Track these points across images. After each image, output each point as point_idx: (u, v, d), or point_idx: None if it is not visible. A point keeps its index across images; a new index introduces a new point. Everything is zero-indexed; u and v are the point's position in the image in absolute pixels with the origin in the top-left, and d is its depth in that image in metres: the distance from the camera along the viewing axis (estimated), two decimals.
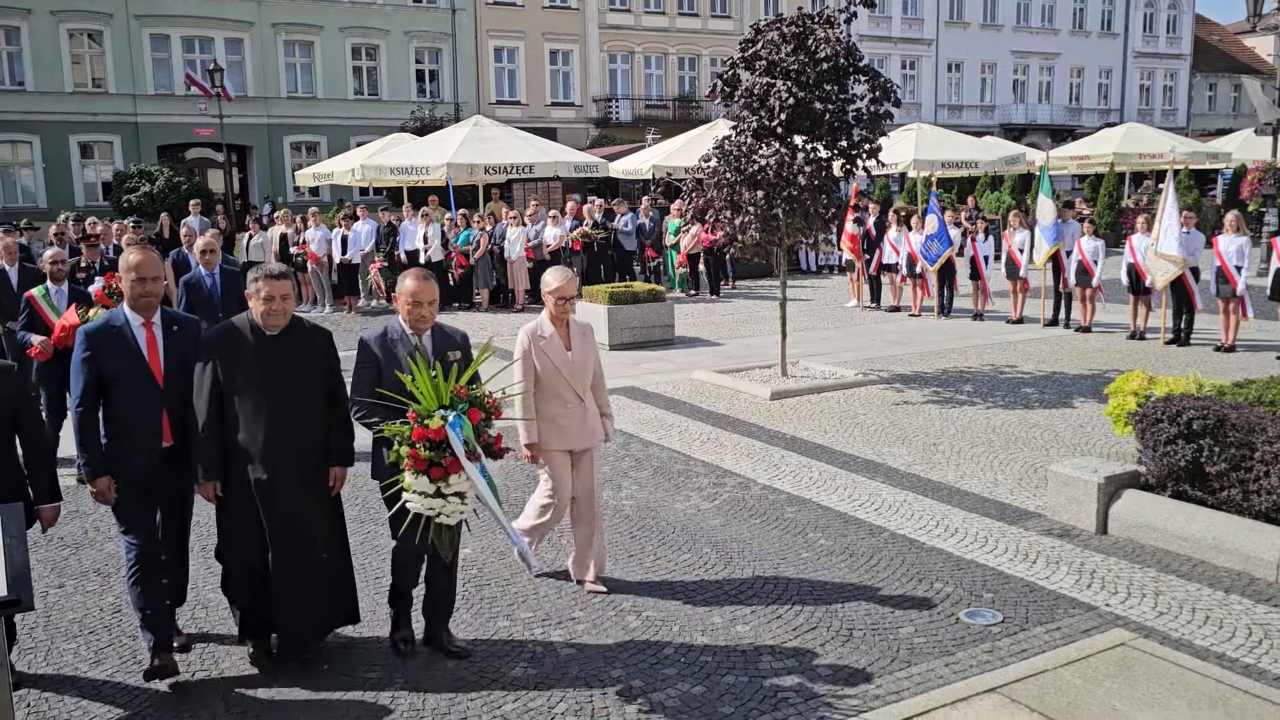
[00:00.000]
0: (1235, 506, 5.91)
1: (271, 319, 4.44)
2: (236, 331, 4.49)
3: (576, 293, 5.45)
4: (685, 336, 13.95)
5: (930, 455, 8.10)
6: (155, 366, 4.57)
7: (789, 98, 9.98)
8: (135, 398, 4.50)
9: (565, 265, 18.16)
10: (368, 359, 4.58)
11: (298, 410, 4.48)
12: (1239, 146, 29.91)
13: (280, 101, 34.47)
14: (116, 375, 4.49)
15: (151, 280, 4.59)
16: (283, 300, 4.45)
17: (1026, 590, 5.46)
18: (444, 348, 4.66)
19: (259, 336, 4.47)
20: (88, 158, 32.72)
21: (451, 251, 17.48)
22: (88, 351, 4.49)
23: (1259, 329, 12.98)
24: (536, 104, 38.22)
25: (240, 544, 4.58)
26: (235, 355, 4.44)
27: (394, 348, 4.57)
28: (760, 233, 10.33)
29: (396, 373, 4.37)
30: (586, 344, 5.43)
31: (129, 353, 4.52)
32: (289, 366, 4.48)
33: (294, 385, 4.48)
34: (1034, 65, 48.20)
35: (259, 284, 4.42)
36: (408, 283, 4.64)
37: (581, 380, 5.37)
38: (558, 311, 5.32)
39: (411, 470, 4.12)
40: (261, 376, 4.41)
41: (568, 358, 5.31)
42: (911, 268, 15.82)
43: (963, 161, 24.01)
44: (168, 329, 4.66)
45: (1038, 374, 11.24)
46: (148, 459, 4.51)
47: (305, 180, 24.35)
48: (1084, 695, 4.23)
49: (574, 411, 5.35)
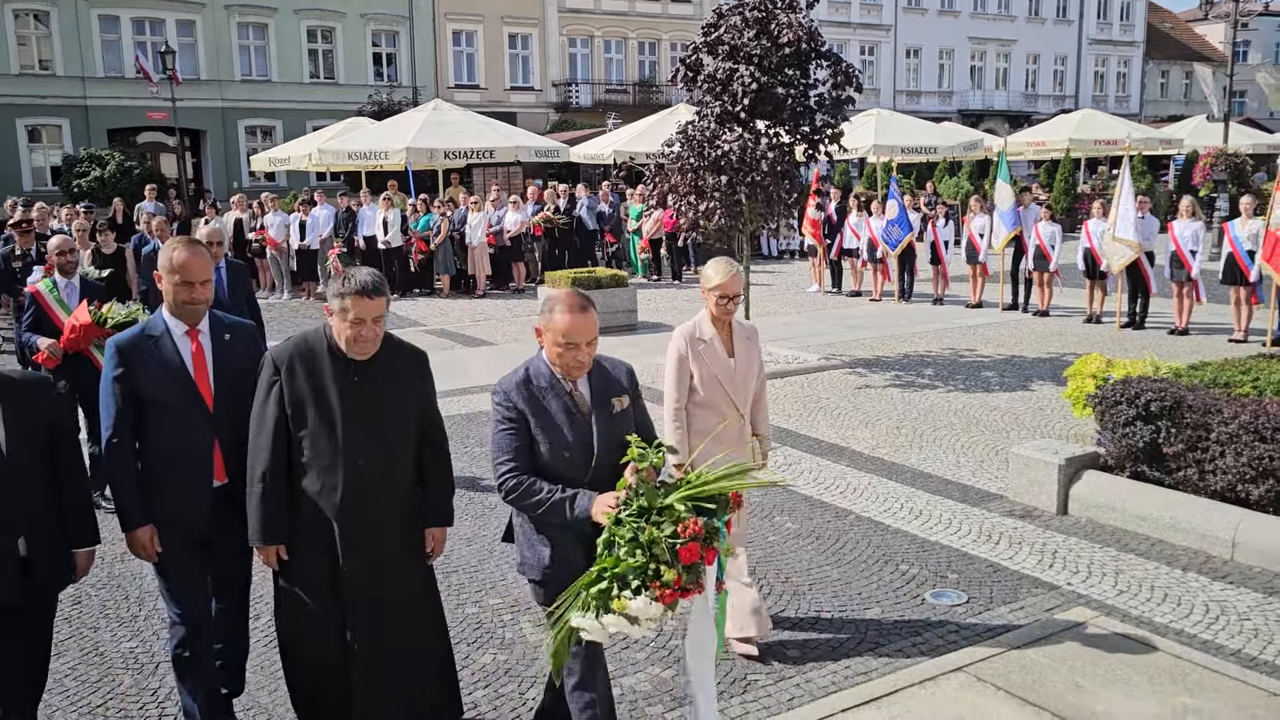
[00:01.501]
0: (1191, 486, 6.03)
1: (360, 346, 3.41)
2: (310, 354, 3.47)
3: (743, 289, 4.66)
4: (648, 322, 13.94)
5: (894, 439, 8.18)
6: (204, 386, 3.68)
7: (752, 83, 9.98)
8: (180, 425, 3.62)
9: (526, 250, 18.40)
10: (511, 416, 3.34)
11: (388, 455, 3.51)
12: (1191, 133, 30.50)
13: (234, 85, 33.83)
14: (157, 398, 3.60)
15: (201, 286, 3.67)
16: (375, 324, 3.40)
17: (990, 570, 5.53)
18: (606, 394, 3.45)
19: (339, 362, 3.45)
20: (35, 141, 31.88)
21: (411, 237, 17.31)
22: (120, 369, 3.59)
23: (1210, 312, 13.25)
24: (496, 88, 37.87)
25: (309, 625, 3.56)
26: (309, 385, 3.44)
27: (543, 398, 3.35)
28: (724, 218, 10.34)
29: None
30: (751, 350, 4.64)
31: (172, 370, 3.63)
32: (377, 400, 3.49)
33: (383, 423, 3.50)
34: (991, 51, 48.63)
35: (345, 300, 3.34)
36: (557, 315, 3.27)
37: (744, 392, 4.58)
38: (720, 311, 4.48)
39: (648, 597, 2.93)
40: (342, 412, 3.43)
41: (730, 365, 4.52)
42: (872, 253, 15.94)
43: (922, 147, 24.16)
44: (217, 338, 3.76)
45: (997, 358, 11.38)
46: (198, 503, 3.66)
47: (261, 165, 23.92)
48: (1048, 673, 4.30)
49: (730, 427, 4.52)
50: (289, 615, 3.61)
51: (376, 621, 3.53)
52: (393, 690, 3.58)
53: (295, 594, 3.56)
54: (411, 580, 3.65)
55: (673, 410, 4.52)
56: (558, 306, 3.29)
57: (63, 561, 3.47)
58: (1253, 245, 11.51)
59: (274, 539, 3.49)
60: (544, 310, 3.34)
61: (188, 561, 3.71)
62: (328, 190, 20.22)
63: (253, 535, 3.50)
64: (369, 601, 3.51)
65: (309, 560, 3.51)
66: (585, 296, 3.34)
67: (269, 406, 3.46)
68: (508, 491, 3.31)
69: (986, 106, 47.07)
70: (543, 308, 3.36)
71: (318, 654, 3.56)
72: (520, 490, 3.29)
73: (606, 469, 3.31)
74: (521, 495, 3.29)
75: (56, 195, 25.98)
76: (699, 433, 4.46)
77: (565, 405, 3.36)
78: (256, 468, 3.46)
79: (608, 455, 3.33)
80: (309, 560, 3.51)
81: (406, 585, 3.62)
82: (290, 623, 3.62)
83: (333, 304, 3.40)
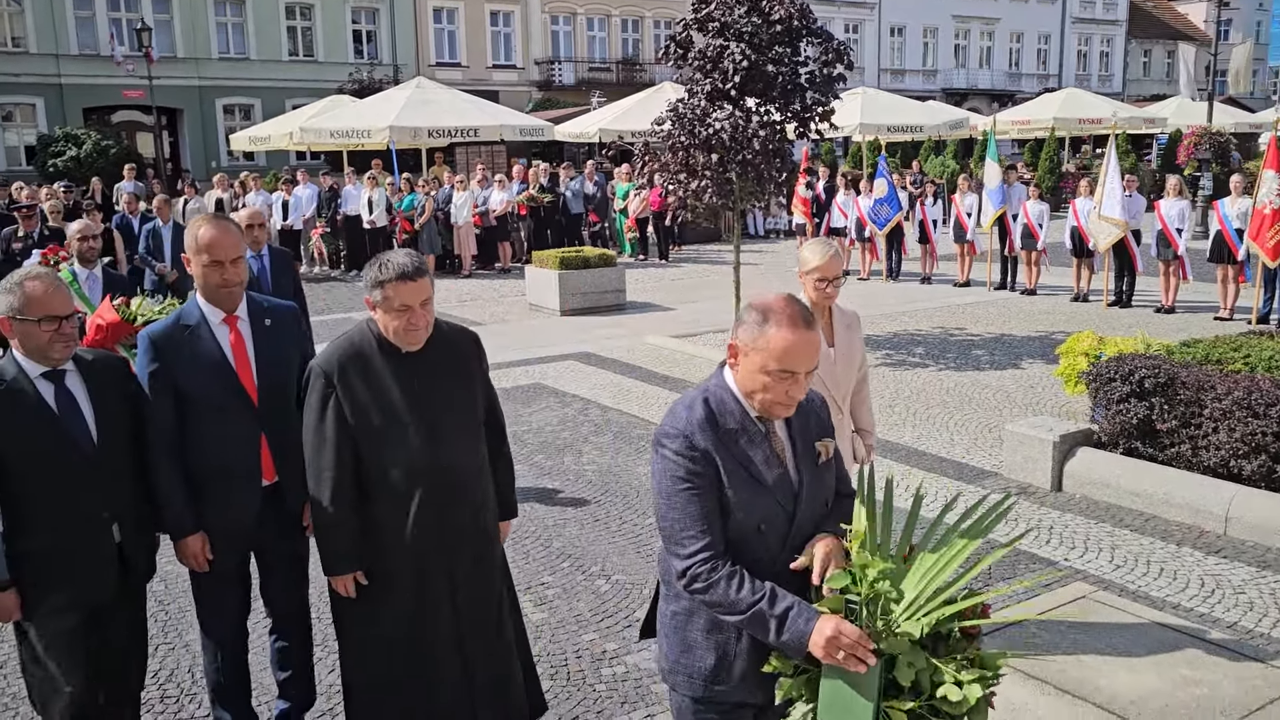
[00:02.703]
0: (1185, 462, 6.07)
1: (413, 335, 3.06)
2: (359, 356, 3.11)
3: (843, 273, 4.15)
4: (636, 301, 13.89)
5: (887, 416, 8.19)
6: (246, 378, 3.37)
7: (742, 60, 9.90)
8: (223, 422, 3.33)
9: (512, 230, 18.29)
10: (697, 471, 2.31)
11: (465, 449, 3.20)
12: (1174, 112, 30.61)
13: (211, 63, 33.36)
14: (196, 393, 3.30)
15: (232, 264, 3.34)
16: (424, 308, 3.04)
17: (987, 547, 5.54)
18: (807, 435, 2.47)
19: (394, 358, 3.11)
20: (9, 121, 31.38)
21: (395, 217, 17.17)
22: (155, 364, 3.28)
23: (1195, 291, 13.33)
24: (477, 66, 37.52)
25: (388, 653, 3.17)
26: (368, 390, 3.09)
27: (736, 442, 2.35)
28: (715, 196, 10.29)
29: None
30: (853, 338, 4.20)
31: (211, 362, 3.32)
32: (444, 392, 3.18)
33: (449, 417, 3.17)
34: (975, 30, 48.58)
35: (386, 289, 2.99)
36: (774, 332, 2.29)
37: (845, 383, 4.16)
38: (819, 296, 4.04)
39: None
40: (407, 412, 3.10)
41: (829, 354, 4.06)
42: (860, 231, 15.93)
43: (908, 125, 24.17)
44: (258, 324, 3.44)
45: (987, 336, 11.41)
46: (246, 506, 3.38)
47: (241, 144, 23.62)
48: (1049, 647, 4.33)
49: None
50: (361, 641, 3.21)
51: (484, 624, 3.27)
52: (495, 699, 3.30)
53: (368, 615, 3.17)
54: (495, 578, 3.35)
55: None
56: (774, 318, 2.30)
57: (150, 549, 3.35)
58: (1241, 224, 11.57)
59: (351, 565, 3.12)
60: (750, 321, 2.33)
61: (231, 575, 3.46)
62: (309, 169, 20.00)
63: (327, 565, 3.14)
64: (480, 603, 3.25)
65: (383, 577, 3.14)
66: (806, 308, 2.35)
67: (327, 423, 3.08)
68: (694, 581, 2.29)
69: (971, 85, 47.09)
70: (747, 317, 2.34)
71: (394, 678, 3.19)
72: (715, 584, 2.27)
73: (801, 541, 2.39)
74: (718, 592, 2.27)
75: (32, 175, 25.61)
76: None
77: (765, 456, 2.37)
78: (323, 491, 3.09)
79: (809, 526, 2.42)
80: (383, 577, 3.14)
81: (492, 585, 3.33)
82: (363, 648, 3.21)
83: (373, 296, 3.03)
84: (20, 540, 3.00)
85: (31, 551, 3.02)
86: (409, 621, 3.15)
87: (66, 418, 3.08)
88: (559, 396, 9.00)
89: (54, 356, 3.06)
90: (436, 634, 3.17)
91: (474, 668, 3.23)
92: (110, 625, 3.23)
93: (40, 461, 3.02)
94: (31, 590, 3.04)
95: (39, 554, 3.03)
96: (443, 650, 3.18)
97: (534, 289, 13.91)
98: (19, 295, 3.00)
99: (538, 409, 8.53)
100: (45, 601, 3.06)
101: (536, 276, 13.83)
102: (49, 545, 3.04)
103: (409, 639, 3.16)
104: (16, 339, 3.05)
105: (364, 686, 3.23)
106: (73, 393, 3.12)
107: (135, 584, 3.31)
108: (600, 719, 3.95)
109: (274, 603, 3.61)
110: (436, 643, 3.18)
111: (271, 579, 3.58)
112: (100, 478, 3.11)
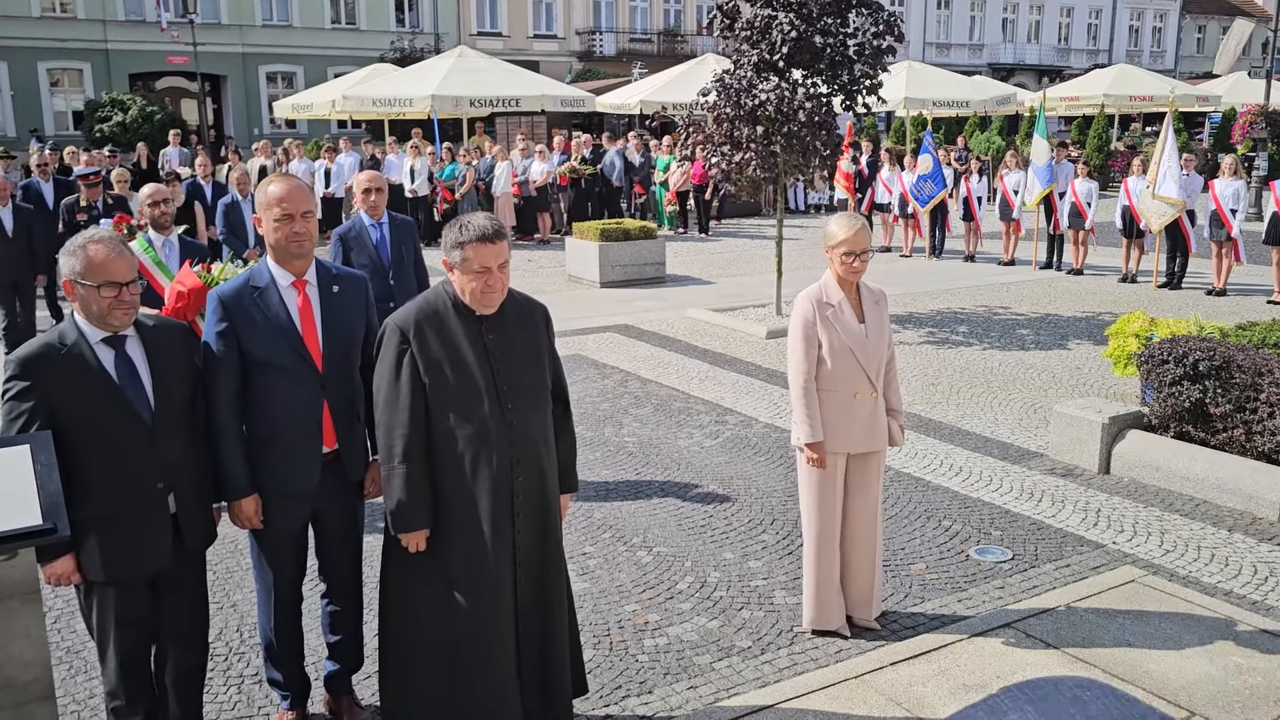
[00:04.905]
0: (1238, 447, 5.95)
1: (489, 297, 3.10)
2: (435, 316, 3.14)
3: (871, 247, 4.17)
4: (676, 275, 13.82)
5: (930, 395, 8.11)
6: (312, 343, 3.36)
7: (791, 30, 9.77)
8: (287, 386, 3.32)
9: (553, 201, 18.24)
10: None
11: (536, 414, 3.21)
12: (1229, 89, 29.80)
13: (255, 30, 33.52)
14: (261, 355, 3.29)
15: (302, 218, 3.31)
16: (500, 270, 3.09)
17: (1034, 528, 5.49)
18: None
19: (469, 320, 3.15)
20: (56, 86, 31.79)
21: (436, 186, 17.20)
22: (224, 323, 3.28)
23: (1247, 273, 13.03)
24: (518, 35, 37.38)
25: (445, 616, 3.16)
26: (443, 349, 3.11)
27: None
28: (759, 169, 10.19)
29: None
30: (881, 315, 4.21)
31: (278, 325, 3.31)
32: (517, 356, 3.20)
33: (526, 380, 3.19)
34: (1024, 4, 47.56)
35: (465, 250, 3.04)
36: None
37: (876, 360, 4.14)
38: (847, 271, 4.05)
39: None
40: (483, 374, 3.11)
41: (860, 331, 4.09)
42: (903, 208, 15.73)
43: (954, 100, 23.73)
44: (325, 289, 3.43)
45: (1032, 316, 11.24)
46: (307, 470, 3.37)
47: (284, 111, 23.73)
48: (1097, 631, 4.27)
49: (864, 402, 4.12)
50: (428, 611, 3.18)
51: (544, 602, 3.25)
52: (543, 677, 3.28)
53: (438, 587, 3.15)
54: (559, 550, 3.34)
55: (801, 385, 4.09)
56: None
57: (208, 517, 3.33)
58: None
59: (421, 524, 3.11)
60: None
61: (290, 534, 3.46)
62: (351, 138, 20.06)
63: (398, 523, 3.11)
64: (539, 575, 3.23)
65: (448, 543, 3.13)
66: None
67: (402, 379, 3.08)
68: None
69: (1018, 60, 46.18)
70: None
71: (453, 643, 3.16)
72: None
73: None
74: None
75: (79, 139, 25.94)
76: (823, 405, 4.07)
77: None
78: (395, 446, 3.08)
79: None
80: (448, 543, 3.13)
81: (556, 557, 3.32)
82: (430, 619, 3.18)
83: (452, 257, 3.08)
84: (79, 506, 2.99)
85: (89, 518, 3.02)
86: (472, 583, 3.13)
87: (125, 385, 3.07)
88: (599, 368, 9.00)
89: (114, 323, 3.04)
90: (497, 599, 3.15)
91: (526, 643, 3.23)
92: (167, 594, 3.26)
93: (97, 428, 3.02)
94: (89, 556, 3.06)
95: (96, 520, 3.03)
96: (499, 617, 3.16)
97: (574, 260, 13.89)
98: (81, 259, 2.98)
99: (578, 380, 8.54)
100: (102, 567, 3.07)
101: (576, 248, 13.80)
102: (106, 512, 3.03)
103: (470, 601, 3.13)
104: (77, 303, 3.03)
105: (411, 650, 3.21)
106: (132, 360, 3.11)
107: (193, 551, 3.32)
108: (642, 689, 3.96)
109: (328, 568, 3.62)
110: (497, 607, 3.16)
111: (327, 544, 3.58)
112: (156, 448, 3.11)
